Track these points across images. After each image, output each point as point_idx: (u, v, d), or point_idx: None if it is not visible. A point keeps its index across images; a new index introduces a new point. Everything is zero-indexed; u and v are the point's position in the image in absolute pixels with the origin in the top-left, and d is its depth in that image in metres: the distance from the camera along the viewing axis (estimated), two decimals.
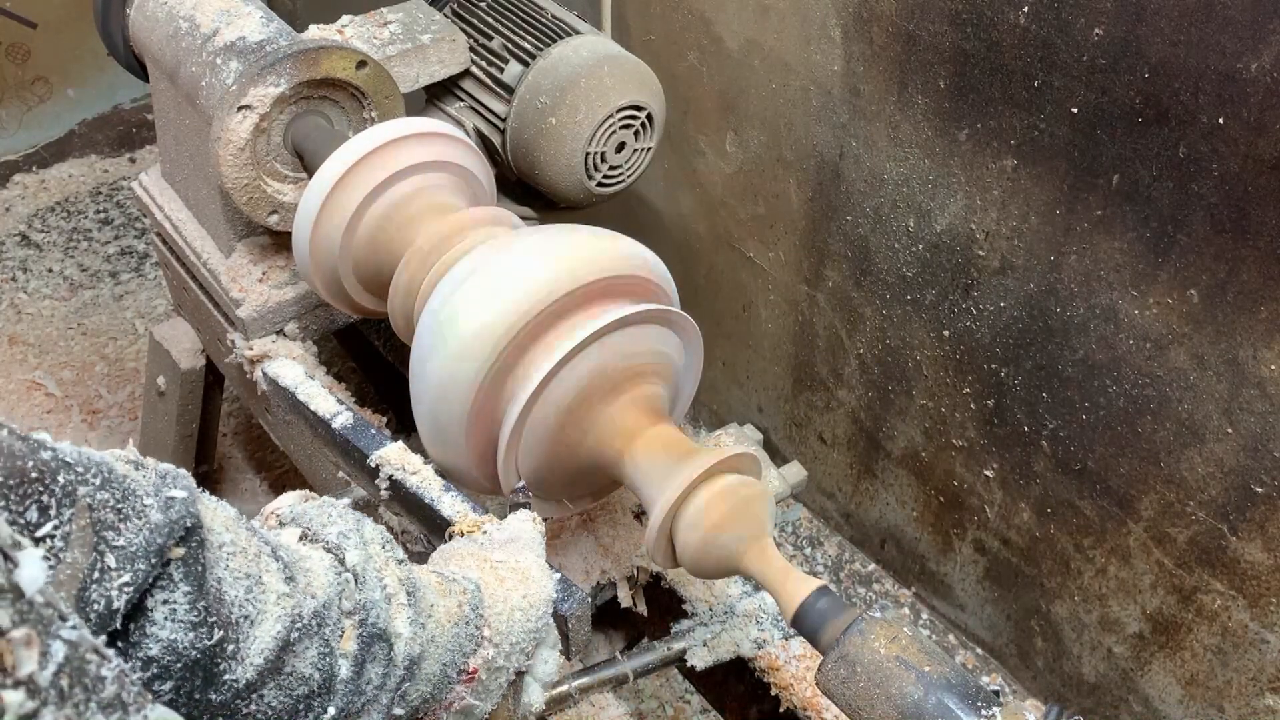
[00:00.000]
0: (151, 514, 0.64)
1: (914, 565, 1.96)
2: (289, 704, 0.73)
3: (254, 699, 0.71)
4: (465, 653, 0.88)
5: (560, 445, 1.10)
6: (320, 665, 0.75)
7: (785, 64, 1.67)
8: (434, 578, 0.89)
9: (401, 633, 0.81)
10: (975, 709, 0.85)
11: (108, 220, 2.86)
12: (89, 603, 0.59)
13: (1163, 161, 1.26)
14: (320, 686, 0.75)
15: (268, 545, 0.75)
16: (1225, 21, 1.13)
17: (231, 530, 0.72)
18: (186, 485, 0.68)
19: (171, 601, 0.65)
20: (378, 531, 0.86)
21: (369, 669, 0.78)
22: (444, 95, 1.74)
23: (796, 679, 1.22)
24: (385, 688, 0.80)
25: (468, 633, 0.88)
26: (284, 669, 0.72)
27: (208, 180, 1.51)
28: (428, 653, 0.84)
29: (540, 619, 0.94)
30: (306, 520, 0.84)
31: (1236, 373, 1.29)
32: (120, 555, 0.61)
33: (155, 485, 0.66)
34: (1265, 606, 1.39)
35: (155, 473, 0.67)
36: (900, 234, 1.63)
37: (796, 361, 1.98)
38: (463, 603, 0.88)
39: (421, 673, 0.83)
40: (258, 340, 1.51)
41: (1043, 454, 1.59)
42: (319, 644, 0.74)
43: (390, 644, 0.80)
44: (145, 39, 1.53)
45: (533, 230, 1.18)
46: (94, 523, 0.60)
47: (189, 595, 0.66)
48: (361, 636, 0.77)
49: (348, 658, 0.76)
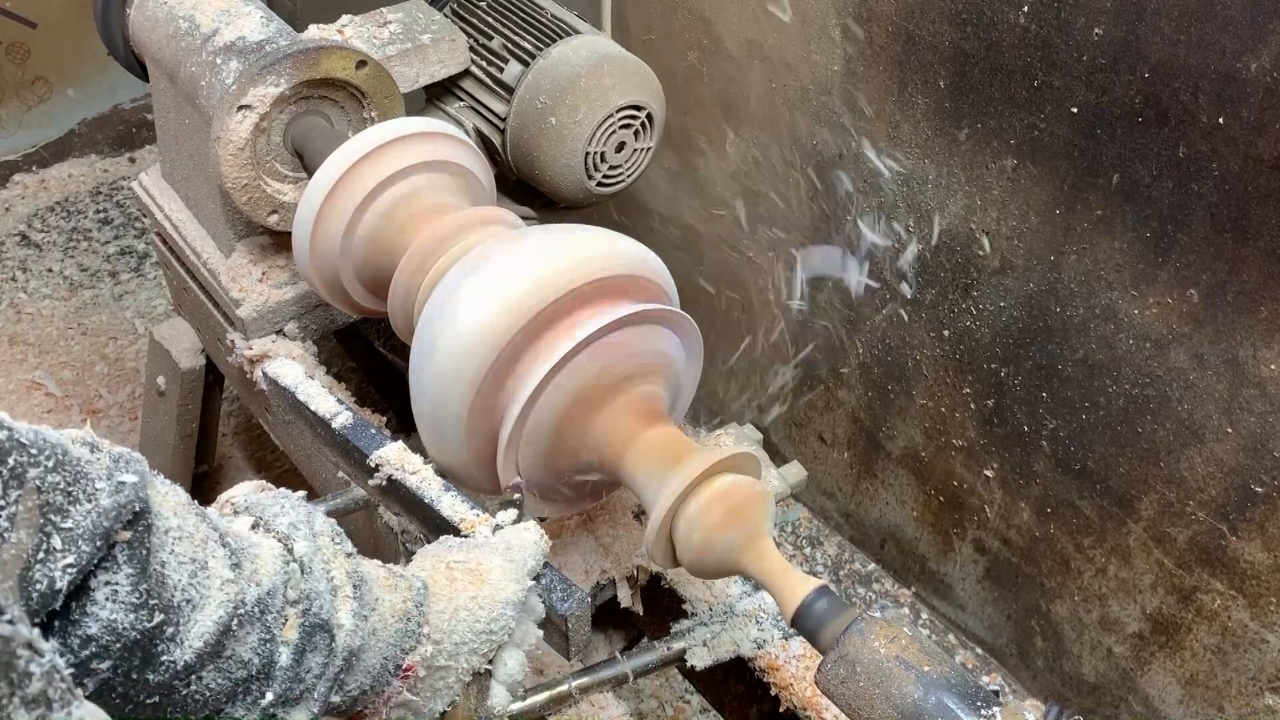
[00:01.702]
0: (101, 498, 0.65)
1: (914, 565, 1.96)
2: (227, 687, 0.75)
3: (192, 680, 0.73)
4: (404, 649, 0.89)
5: (560, 445, 1.10)
6: (260, 651, 0.76)
7: (785, 64, 1.67)
8: (382, 572, 0.90)
9: (344, 624, 0.82)
10: (975, 709, 0.85)
11: (108, 220, 2.86)
12: (32, 582, 0.60)
13: (1163, 161, 1.26)
14: (259, 672, 0.76)
15: (216, 532, 0.77)
16: (1225, 21, 1.13)
17: (180, 515, 0.73)
18: (139, 470, 0.70)
19: (114, 583, 0.67)
20: (328, 524, 0.87)
21: (309, 658, 0.79)
22: (444, 95, 1.74)
23: (796, 679, 1.22)
24: (324, 677, 0.81)
25: (408, 629, 0.88)
26: (224, 653, 0.74)
27: (208, 180, 1.51)
28: (369, 645, 0.85)
29: (494, 620, 0.94)
30: (260, 510, 0.85)
31: (1236, 373, 1.29)
32: (66, 537, 0.62)
33: (108, 469, 0.67)
34: (1265, 606, 1.39)
35: (109, 455, 0.69)
36: (900, 234, 1.63)
37: (797, 361, 1.98)
38: (406, 599, 0.89)
39: (361, 664, 0.85)
40: (258, 340, 1.51)
41: (1043, 454, 1.59)
42: (260, 630, 0.76)
43: (332, 634, 0.81)
44: (145, 39, 1.53)
45: (533, 230, 1.18)
46: (42, 505, 0.61)
47: (131, 578, 0.67)
48: (304, 626, 0.79)
49: (289, 645, 0.78)
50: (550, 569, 1.06)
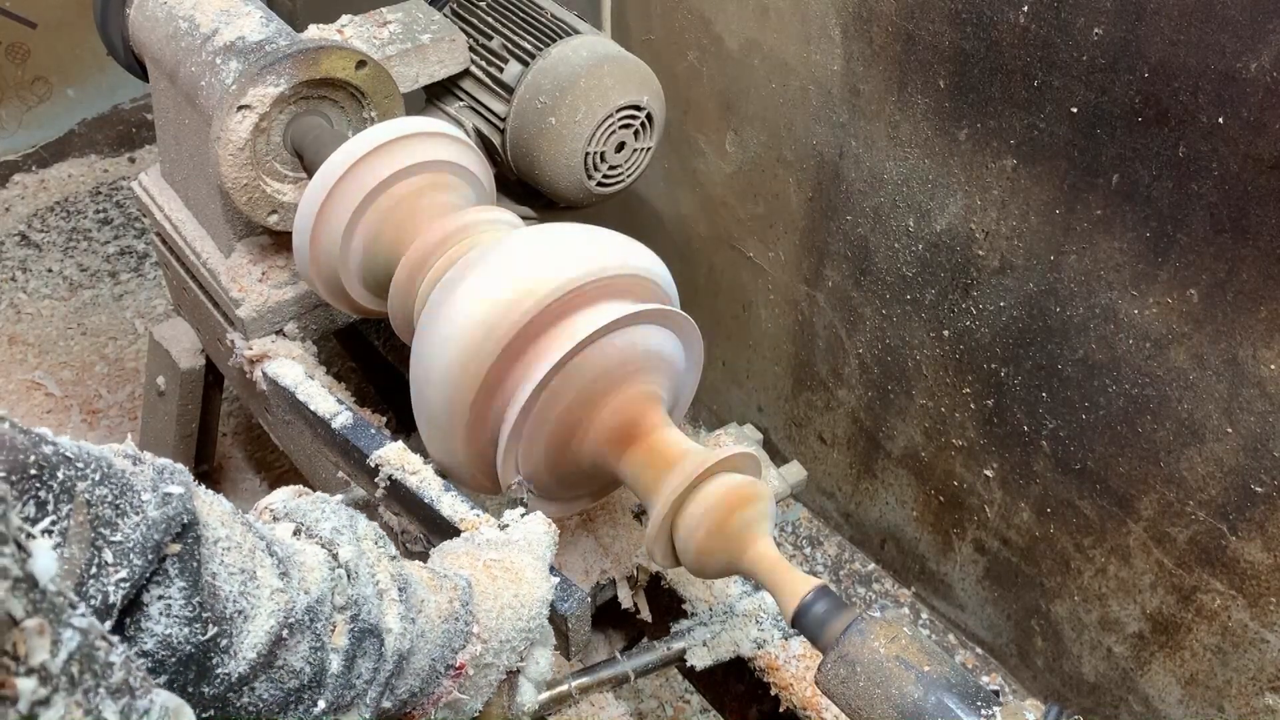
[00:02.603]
0: (149, 510, 0.64)
1: (914, 565, 1.96)
2: (280, 697, 0.74)
3: (246, 692, 0.72)
4: (454, 648, 0.89)
5: (560, 445, 1.10)
6: (312, 659, 0.75)
7: (785, 64, 1.67)
8: (426, 573, 0.89)
9: (392, 628, 0.82)
10: (975, 709, 0.85)
11: (107, 220, 2.86)
12: (86, 598, 0.59)
13: (1162, 161, 1.26)
14: (311, 680, 0.75)
15: (263, 541, 0.75)
16: (1225, 21, 1.13)
17: (227, 525, 0.72)
18: (184, 480, 0.68)
19: (167, 597, 0.66)
20: (371, 528, 0.86)
21: (359, 663, 0.79)
22: (444, 95, 1.74)
23: (796, 679, 1.22)
24: (375, 681, 0.81)
25: (457, 628, 0.88)
26: (276, 663, 0.73)
27: (207, 180, 1.51)
28: (417, 647, 0.84)
29: (533, 619, 0.94)
30: (300, 515, 0.84)
31: (1236, 372, 1.29)
32: (117, 550, 0.61)
33: (153, 481, 0.66)
34: (1265, 606, 1.39)
35: (152, 468, 0.68)
36: (900, 234, 1.63)
37: (796, 361, 1.98)
38: (453, 599, 0.89)
39: (410, 667, 0.84)
40: (257, 340, 1.51)
41: (1043, 454, 1.59)
42: (311, 639, 0.75)
43: (381, 639, 0.81)
44: (145, 39, 1.53)
45: (533, 230, 1.18)
46: (92, 519, 0.60)
47: (184, 590, 0.66)
48: (353, 632, 0.78)
49: (339, 652, 0.77)
50: (550, 568, 1.06)
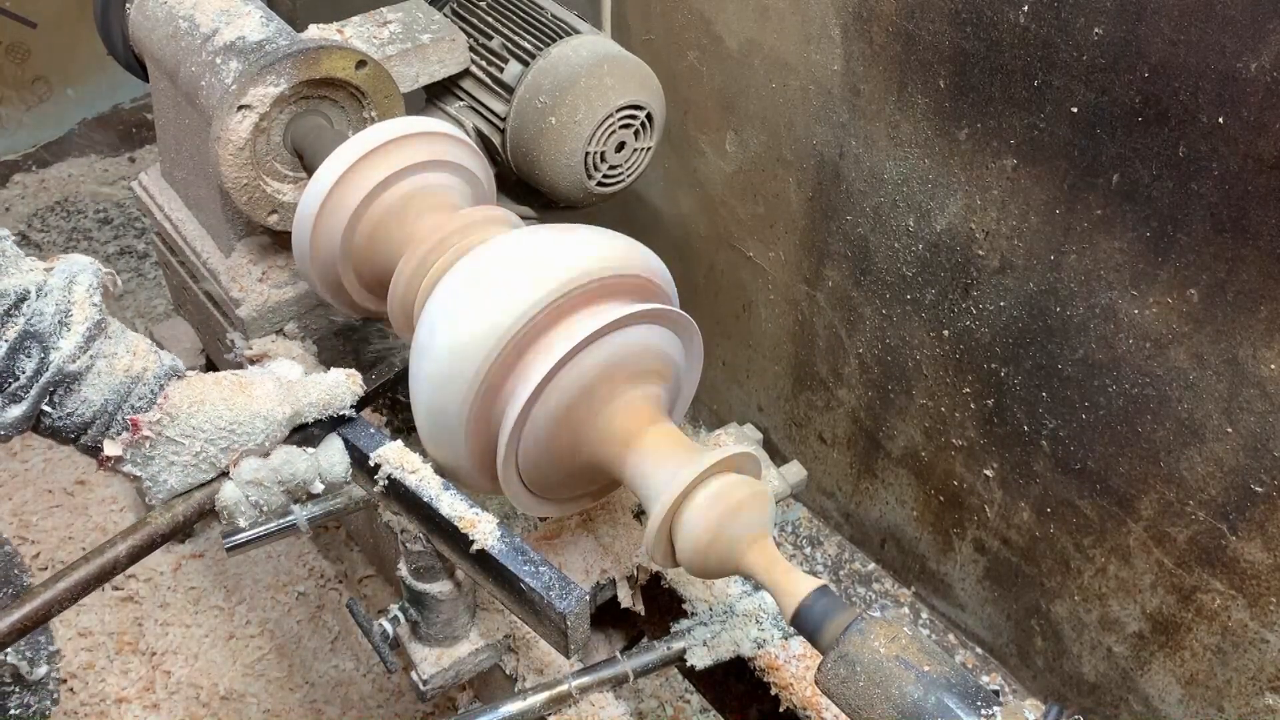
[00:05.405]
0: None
1: (914, 565, 1.96)
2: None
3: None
4: (134, 406, 1.06)
5: (560, 445, 1.10)
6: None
7: (785, 64, 1.67)
8: (143, 345, 1.09)
9: (61, 348, 1.01)
10: (975, 709, 0.85)
11: (107, 220, 2.86)
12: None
13: (1162, 161, 1.26)
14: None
15: None
16: (1225, 21, 1.13)
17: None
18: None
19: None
20: (93, 289, 1.05)
21: (20, 359, 1.00)
22: (444, 95, 1.74)
23: (796, 679, 1.22)
24: (36, 383, 1.00)
25: (140, 391, 1.06)
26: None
27: (208, 180, 1.51)
28: (89, 381, 1.04)
29: (239, 424, 1.09)
30: (66, 259, 1.05)
31: (1236, 372, 1.29)
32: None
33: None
34: (1265, 606, 1.39)
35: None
36: (900, 234, 1.63)
37: (796, 361, 1.98)
38: (147, 368, 1.07)
39: (80, 394, 1.04)
40: (258, 340, 1.52)
41: (1042, 453, 1.59)
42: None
43: (45, 348, 1.01)
44: (145, 39, 1.53)
45: (532, 230, 1.18)
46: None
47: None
48: (20, 331, 0.99)
49: (6, 341, 0.99)
50: (550, 568, 1.06)
